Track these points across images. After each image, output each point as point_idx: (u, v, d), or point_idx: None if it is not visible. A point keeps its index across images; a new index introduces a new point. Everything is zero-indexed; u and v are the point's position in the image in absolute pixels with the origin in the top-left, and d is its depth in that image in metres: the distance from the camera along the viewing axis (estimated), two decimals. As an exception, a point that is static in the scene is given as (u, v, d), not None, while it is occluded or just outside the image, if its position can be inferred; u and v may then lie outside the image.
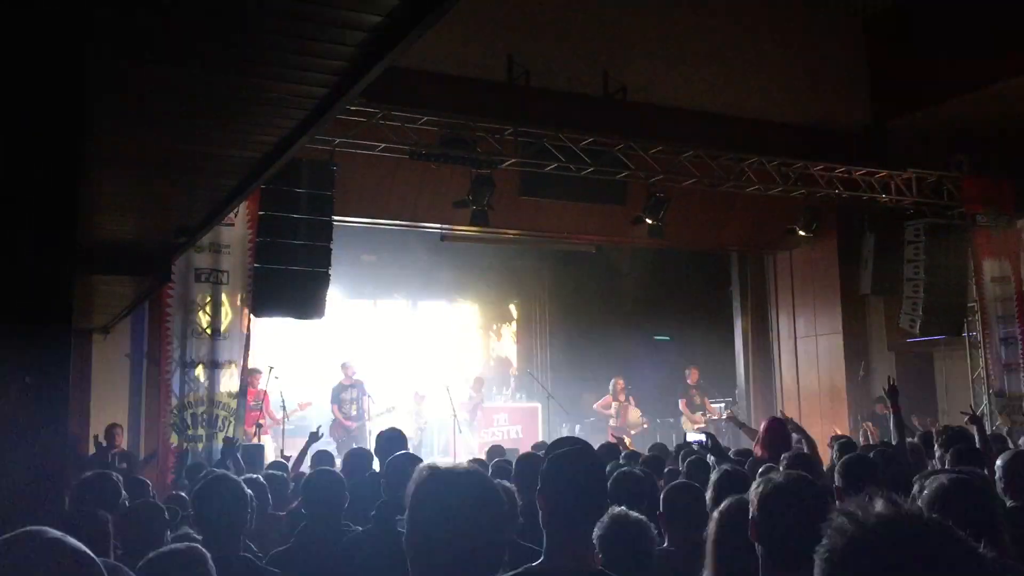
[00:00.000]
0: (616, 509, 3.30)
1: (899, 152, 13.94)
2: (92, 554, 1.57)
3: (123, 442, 10.21)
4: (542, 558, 2.41)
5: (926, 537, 1.22)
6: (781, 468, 5.18)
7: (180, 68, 4.22)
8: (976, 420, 7.13)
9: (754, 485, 2.71)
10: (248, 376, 11.80)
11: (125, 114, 4.80)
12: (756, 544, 2.59)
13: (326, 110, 4.80)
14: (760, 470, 4.77)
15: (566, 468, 2.46)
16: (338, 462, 7.67)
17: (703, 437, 5.63)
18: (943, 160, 13.99)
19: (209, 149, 5.48)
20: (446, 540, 1.85)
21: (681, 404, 14.76)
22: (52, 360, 2.90)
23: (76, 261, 3.05)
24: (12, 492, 2.74)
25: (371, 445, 11.91)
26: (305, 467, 7.77)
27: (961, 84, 13.07)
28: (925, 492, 2.84)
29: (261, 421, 11.71)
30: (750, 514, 2.63)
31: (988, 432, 11.90)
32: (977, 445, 6.32)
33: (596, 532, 3.23)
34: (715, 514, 2.97)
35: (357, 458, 6.03)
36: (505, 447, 10.79)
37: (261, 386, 12.06)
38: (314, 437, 8.18)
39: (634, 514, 3.31)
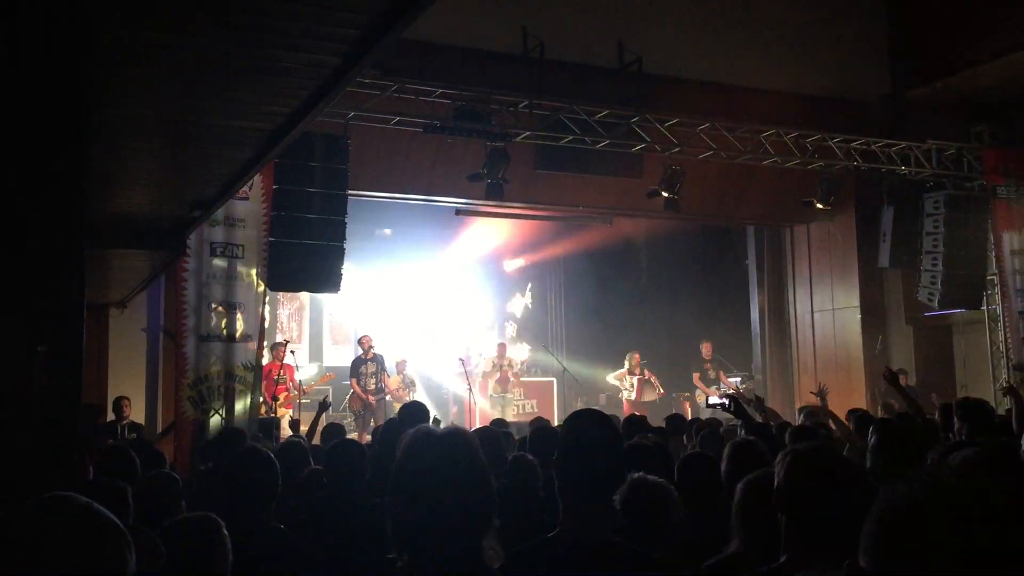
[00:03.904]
0: (636, 474, 3.29)
1: (918, 123, 13.77)
2: (118, 521, 1.57)
3: (131, 414, 10.28)
4: (558, 528, 2.40)
5: (974, 504, 1.20)
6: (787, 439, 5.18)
7: (192, 37, 4.19)
8: (1012, 392, 7.09)
9: (780, 456, 2.68)
10: (274, 350, 11.86)
11: (137, 85, 4.77)
12: (780, 514, 2.56)
13: (339, 80, 4.75)
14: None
15: (582, 438, 2.44)
16: (352, 435, 7.69)
17: (725, 400, 5.60)
18: (963, 131, 13.83)
19: (222, 120, 5.45)
20: (420, 497, 1.87)
21: (695, 378, 14.75)
22: (65, 329, 2.90)
23: (84, 231, 3.04)
24: (28, 459, 2.76)
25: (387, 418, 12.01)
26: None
27: (982, 54, 12.88)
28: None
29: (278, 395, 11.76)
30: (775, 484, 2.60)
31: (1008, 406, 11.83)
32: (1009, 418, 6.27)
33: (617, 497, 3.23)
34: (741, 484, 2.96)
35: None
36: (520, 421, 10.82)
37: (287, 360, 12.08)
38: (323, 407, 8.20)
39: (654, 478, 3.30)
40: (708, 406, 13.30)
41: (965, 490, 1.23)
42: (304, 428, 8.72)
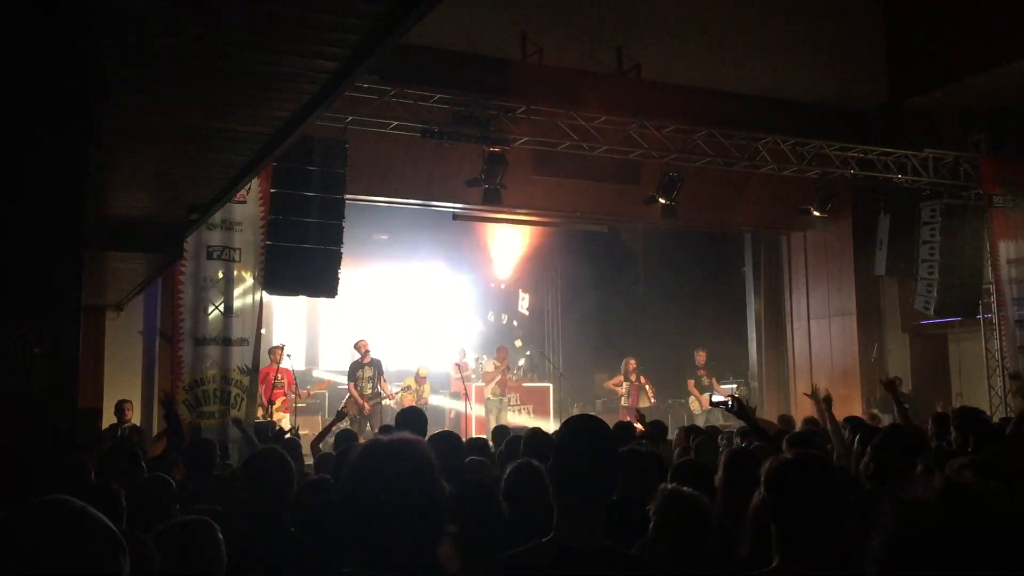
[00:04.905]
0: (669, 486, 3.30)
1: (916, 132, 13.81)
2: (113, 526, 1.56)
3: (133, 417, 10.27)
4: (552, 533, 2.40)
5: (983, 510, 1.20)
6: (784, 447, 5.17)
7: (192, 41, 4.19)
8: None
9: (766, 463, 2.69)
10: (271, 353, 11.83)
11: (136, 88, 4.78)
12: (771, 524, 2.58)
13: (338, 85, 4.76)
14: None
15: (579, 443, 2.44)
16: (361, 439, 7.69)
17: (729, 400, 5.59)
18: (960, 140, 13.86)
19: (220, 124, 5.45)
20: (368, 508, 1.88)
21: (689, 385, 14.77)
22: (62, 332, 2.91)
23: (83, 232, 3.04)
24: (24, 462, 2.75)
25: (387, 423, 11.98)
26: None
27: (979, 63, 12.92)
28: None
29: (275, 399, 11.73)
30: (761, 493, 2.62)
31: (1003, 415, 11.85)
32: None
33: (652, 506, 3.23)
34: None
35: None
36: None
37: (283, 364, 12.04)
38: (340, 415, 8.21)
39: (688, 490, 3.30)
40: (712, 405, 13.34)
41: (982, 497, 1.23)
42: (306, 432, 8.75)
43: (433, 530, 1.93)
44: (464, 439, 10.33)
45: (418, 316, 17.13)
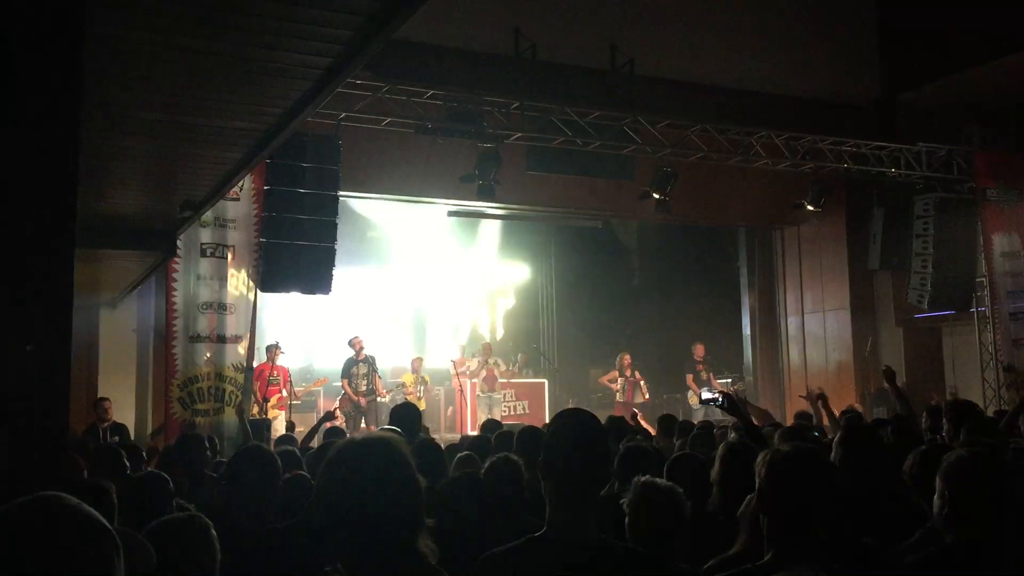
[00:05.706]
0: (643, 478, 3.29)
1: (909, 126, 13.83)
2: (107, 523, 1.55)
3: (112, 414, 10.15)
4: (544, 528, 2.39)
5: None
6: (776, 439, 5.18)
7: (185, 37, 4.19)
8: None
9: (759, 458, 2.69)
10: (268, 350, 11.82)
11: (129, 84, 4.77)
12: (762, 516, 2.58)
13: (331, 81, 4.76)
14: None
15: (569, 437, 2.44)
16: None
17: (719, 396, 5.58)
18: (953, 134, 13.88)
19: (213, 120, 5.44)
20: (344, 506, 1.89)
21: (688, 379, 14.75)
22: (54, 329, 2.90)
23: (76, 229, 3.03)
24: (15, 460, 2.75)
25: (382, 420, 11.98)
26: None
27: (973, 57, 12.94)
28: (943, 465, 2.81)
29: (270, 396, 11.70)
30: (756, 485, 2.62)
31: (997, 408, 11.89)
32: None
33: (624, 501, 3.23)
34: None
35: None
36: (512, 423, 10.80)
37: (279, 362, 12.02)
38: (328, 416, 8.20)
39: (662, 481, 3.29)
40: (702, 402, 13.30)
41: None
42: (301, 429, 8.72)
43: (410, 525, 1.95)
44: (461, 436, 10.38)
45: (414, 312, 17.11)
